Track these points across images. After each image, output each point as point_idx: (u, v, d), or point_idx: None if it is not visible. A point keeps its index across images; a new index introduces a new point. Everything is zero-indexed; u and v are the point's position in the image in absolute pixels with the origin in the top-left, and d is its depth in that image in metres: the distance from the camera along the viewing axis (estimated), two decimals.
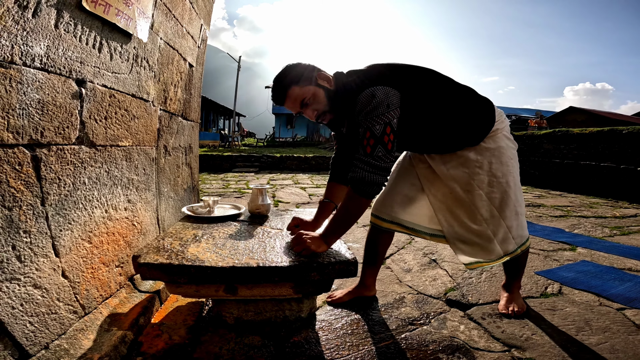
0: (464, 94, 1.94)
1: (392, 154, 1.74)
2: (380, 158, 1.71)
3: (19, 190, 1.38)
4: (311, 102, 1.84)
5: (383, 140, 1.70)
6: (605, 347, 1.82)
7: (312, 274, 1.66)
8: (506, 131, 2.01)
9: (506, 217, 1.99)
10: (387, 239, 2.37)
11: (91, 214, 1.84)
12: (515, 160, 2.03)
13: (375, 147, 1.70)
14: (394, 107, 1.72)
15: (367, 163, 1.72)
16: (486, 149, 1.95)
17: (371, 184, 1.73)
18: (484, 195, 1.96)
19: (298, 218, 2.16)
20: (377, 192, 1.78)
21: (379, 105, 1.69)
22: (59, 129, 1.59)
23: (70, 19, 1.60)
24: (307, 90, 1.83)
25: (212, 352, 1.75)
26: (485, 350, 1.82)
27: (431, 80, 1.90)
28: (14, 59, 1.33)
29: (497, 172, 1.95)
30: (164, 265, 1.59)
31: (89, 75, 1.78)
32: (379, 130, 1.70)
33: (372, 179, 1.72)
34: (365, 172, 1.72)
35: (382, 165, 1.73)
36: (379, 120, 1.70)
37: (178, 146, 3.06)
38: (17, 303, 1.35)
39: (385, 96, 1.70)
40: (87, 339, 1.61)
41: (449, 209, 2.06)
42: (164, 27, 2.56)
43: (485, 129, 1.94)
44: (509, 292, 2.28)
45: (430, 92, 1.87)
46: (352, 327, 2.03)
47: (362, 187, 1.74)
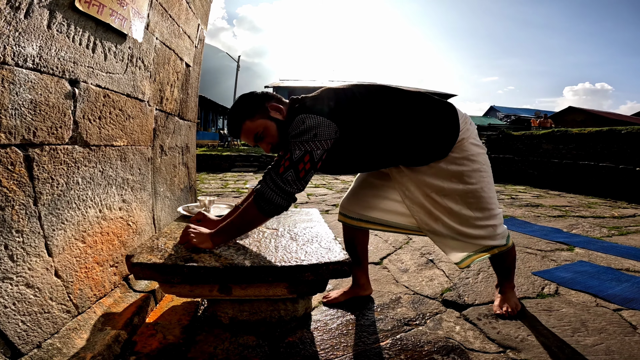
0: (423, 111, 1.91)
1: (301, 182, 1.72)
2: (288, 182, 1.69)
3: (11, 190, 1.38)
4: (264, 135, 1.83)
5: (297, 167, 1.69)
6: (600, 349, 1.81)
7: (305, 274, 1.66)
8: (472, 138, 1.99)
9: (485, 217, 2.01)
10: (362, 236, 2.38)
11: (85, 214, 1.83)
12: (487, 164, 2.03)
13: (287, 170, 1.69)
14: (322, 138, 1.70)
15: (274, 181, 1.71)
16: (456, 158, 1.94)
17: (269, 202, 1.71)
18: (459, 199, 1.98)
19: (202, 213, 2.12)
20: (273, 212, 1.74)
21: (305, 132, 1.68)
22: (52, 129, 1.58)
23: (63, 20, 1.60)
24: (259, 124, 1.81)
25: (206, 352, 1.75)
26: (480, 352, 1.81)
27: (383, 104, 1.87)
28: (6, 60, 1.33)
29: (470, 179, 1.95)
30: (157, 265, 1.59)
31: (83, 75, 1.77)
32: (297, 156, 1.68)
33: (272, 197, 1.71)
34: (268, 189, 1.71)
35: (287, 189, 1.70)
36: (301, 146, 1.68)
37: (175, 146, 3.06)
38: (10, 302, 1.35)
39: (316, 125, 1.68)
40: (80, 338, 1.61)
41: (427, 211, 2.06)
42: (160, 27, 2.56)
43: (450, 141, 1.92)
44: (502, 292, 2.28)
45: (384, 117, 1.85)
46: (347, 327, 2.03)
47: (260, 202, 1.72)
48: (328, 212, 5.36)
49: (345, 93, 1.85)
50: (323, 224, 2.39)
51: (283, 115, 1.84)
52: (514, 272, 2.28)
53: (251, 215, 1.77)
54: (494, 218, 2.04)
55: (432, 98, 1.97)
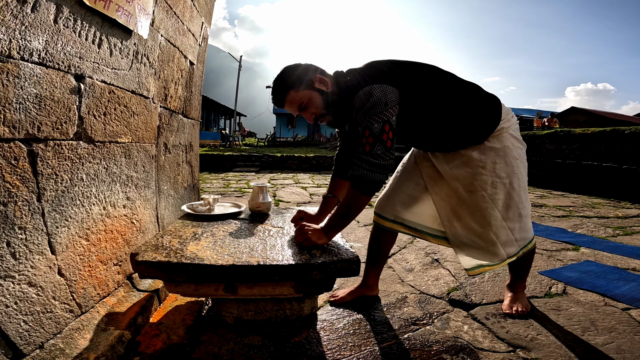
0: (467, 91, 1.91)
1: (391, 152, 1.73)
2: (380, 156, 1.71)
3: (15, 186, 1.36)
4: (309, 106, 1.86)
5: (382, 139, 1.70)
6: (611, 347, 1.80)
7: (313, 272, 1.63)
8: (513, 130, 1.97)
9: (509, 218, 1.96)
10: (390, 238, 2.35)
11: (89, 211, 1.81)
12: (521, 160, 2.00)
13: (374, 146, 1.70)
14: (392, 105, 1.71)
15: (366, 161, 1.72)
16: (490, 148, 1.92)
17: (370, 182, 1.73)
18: (487, 196, 1.93)
19: (302, 211, 2.21)
20: (376, 189, 1.77)
21: (377, 104, 1.68)
22: (56, 124, 1.56)
23: (69, 14, 1.59)
24: (303, 94, 1.84)
25: (211, 352, 1.72)
26: (489, 351, 1.79)
27: (432, 76, 1.88)
28: (11, 53, 1.31)
29: (500, 172, 1.92)
30: (162, 264, 1.57)
31: (88, 70, 1.76)
32: (378, 129, 1.69)
33: (370, 177, 1.72)
34: (364, 170, 1.72)
35: (381, 163, 1.72)
36: (377, 118, 1.69)
37: (178, 144, 3.04)
38: (11, 301, 1.33)
39: (383, 94, 1.69)
40: (83, 338, 1.59)
41: (452, 209, 2.04)
42: (165, 24, 2.54)
43: (490, 127, 1.91)
44: (512, 292, 2.25)
45: (431, 88, 1.85)
46: (354, 327, 2.00)
47: (361, 185, 1.73)
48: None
49: (399, 63, 1.88)
50: None
51: (328, 87, 1.86)
52: (528, 273, 2.26)
53: (356, 200, 1.79)
54: (516, 221, 1.99)
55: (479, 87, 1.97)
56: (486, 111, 1.91)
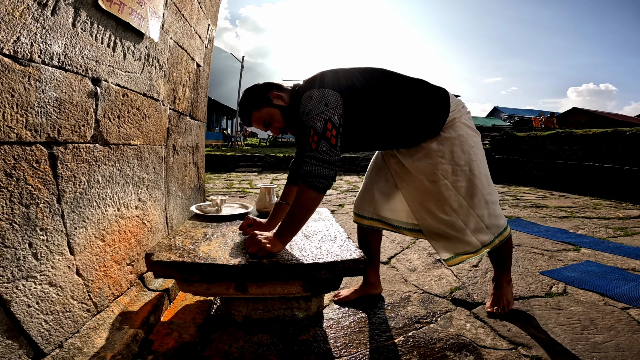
0: (414, 88, 2.00)
1: (336, 148, 1.79)
2: (325, 152, 1.77)
3: (36, 188, 1.40)
4: (272, 122, 1.99)
5: (325, 136, 1.77)
6: (610, 346, 1.84)
7: (322, 271, 1.68)
8: (465, 119, 2.06)
9: (475, 205, 2.02)
10: (375, 236, 2.42)
11: (104, 212, 1.86)
12: (478, 148, 2.07)
13: (319, 143, 1.76)
14: (332, 106, 1.80)
15: (313, 157, 1.77)
16: (446, 138, 2.00)
17: (318, 177, 1.76)
18: (449, 185, 2.00)
19: (251, 217, 2.19)
20: (326, 185, 1.80)
21: (317, 105, 1.79)
22: (75, 127, 1.61)
23: (87, 18, 1.63)
24: (264, 112, 1.98)
25: (222, 351, 1.76)
26: (492, 348, 1.83)
27: (378, 78, 1.97)
28: (33, 57, 1.35)
29: (459, 160, 2.00)
30: (177, 263, 1.62)
31: (104, 74, 1.80)
32: (321, 127, 1.77)
33: (318, 171, 1.76)
34: (312, 166, 1.77)
35: (327, 159, 1.77)
36: (319, 117, 1.77)
37: (186, 145, 3.09)
38: (33, 301, 1.36)
39: (322, 96, 1.80)
40: (99, 337, 1.63)
41: (419, 202, 2.11)
42: (174, 26, 2.58)
43: (441, 118, 1.99)
44: (496, 287, 2.29)
45: (378, 90, 1.94)
46: (359, 325, 2.05)
47: (310, 180, 1.77)
48: (334, 212, 5.37)
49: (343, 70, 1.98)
50: (334, 222, 2.41)
51: (285, 101, 1.99)
52: (511, 263, 2.29)
53: (307, 198, 1.80)
54: (483, 208, 2.04)
55: (426, 82, 2.06)
56: (435, 104, 2.00)
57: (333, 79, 1.89)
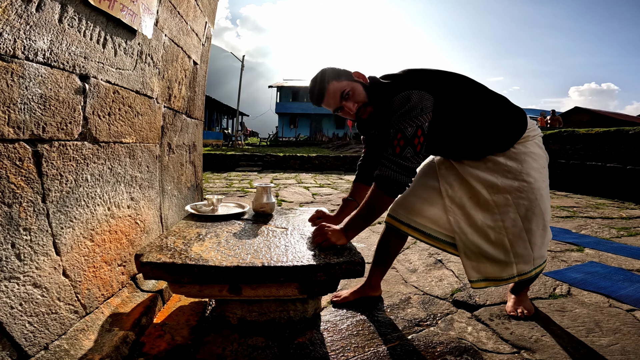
0: (496, 102, 1.93)
1: (419, 156, 1.77)
2: (408, 159, 1.74)
3: (19, 187, 1.35)
4: (351, 95, 1.89)
5: (413, 142, 1.73)
6: (616, 349, 1.79)
7: (318, 274, 1.63)
8: (538, 140, 1.99)
9: (530, 230, 1.91)
10: (399, 241, 2.29)
11: (93, 212, 1.81)
12: (545, 170, 1.98)
13: (404, 148, 1.74)
14: (427, 111, 1.75)
15: (395, 162, 1.75)
16: (516, 153, 1.92)
17: (395, 183, 1.76)
18: (510, 199, 1.89)
19: (321, 211, 2.27)
20: (400, 191, 1.81)
21: (413, 108, 1.73)
22: (61, 124, 1.56)
23: (74, 14, 1.59)
24: (345, 84, 1.89)
25: (215, 353, 1.72)
26: (494, 352, 1.78)
27: (465, 87, 1.91)
28: (16, 53, 1.31)
29: (528, 177, 1.89)
30: (167, 265, 1.57)
31: (93, 70, 1.75)
32: (410, 132, 1.73)
33: (397, 178, 1.75)
34: (392, 171, 1.75)
35: (409, 166, 1.75)
36: (412, 122, 1.73)
37: (182, 144, 3.04)
38: (16, 303, 1.32)
39: (420, 100, 1.73)
40: (88, 339, 1.58)
41: (465, 213, 1.98)
42: (169, 24, 2.54)
43: (516, 134, 1.91)
44: (515, 294, 2.24)
45: (464, 98, 1.88)
46: (357, 328, 2.00)
47: (387, 185, 1.76)
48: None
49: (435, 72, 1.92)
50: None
51: (366, 81, 1.94)
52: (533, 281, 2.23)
53: (379, 200, 1.82)
54: (538, 236, 1.94)
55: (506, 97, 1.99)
56: (513, 120, 1.92)
57: (429, 80, 1.83)
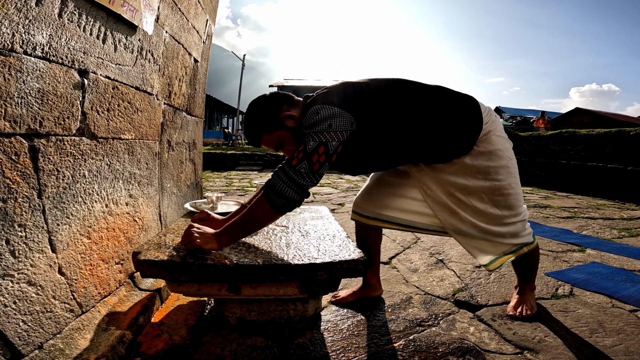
0: (442, 103, 1.84)
1: (315, 175, 1.66)
2: (301, 174, 1.63)
3: (15, 182, 1.33)
4: (284, 144, 1.86)
5: (311, 158, 1.63)
6: (620, 349, 1.77)
7: (319, 272, 1.60)
8: (499, 131, 1.93)
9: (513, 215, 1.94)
10: (375, 235, 2.29)
11: (91, 208, 1.79)
12: (513, 159, 1.96)
13: (301, 161, 1.63)
14: (337, 129, 1.65)
15: (286, 173, 1.64)
16: (481, 153, 1.87)
17: (281, 195, 1.64)
18: (485, 198, 1.90)
19: (205, 212, 2.03)
20: (285, 207, 1.67)
21: (319, 123, 1.64)
22: (59, 119, 1.54)
23: (74, 9, 1.57)
24: (275, 136, 1.83)
25: (213, 354, 1.70)
26: (496, 353, 1.76)
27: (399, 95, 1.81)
28: (14, 47, 1.29)
29: (497, 175, 1.88)
30: (164, 263, 1.54)
31: (92, 66, 1.74)
32: (311, 147, 1.63)
33: (283, 190, 1.64)
34: (280, 182, 1.64)
35: (300, 182, 1.64)
36: (315, 137, 1.64)
37: (182, 141, 3.02)
38: (10, 301, 1.30)
39: (330, 116, 1.65)
40: (83, 338, 1.56)
41: (450, 211, 1.98)
42: (170, 20, 2.52)
43: (474, 134, 1.85)
44: (520, 293, 2.22)
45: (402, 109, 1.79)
46: (358, 328, 1.98)
47: (271, 195, 1.65)
48: (334, 210, 5.31)
49: (360, 85, 1.81)
50: (334, 221, 2.34)
51: (296, 120, 1.81)
52: (536, 274, 2.22)
53: (261, 211, 1.68)
54: (520, 215, 1.97)
55: (451, 90, 1.90)
56: (466, 119, 1.85)
57: (347, 96, 1.74)
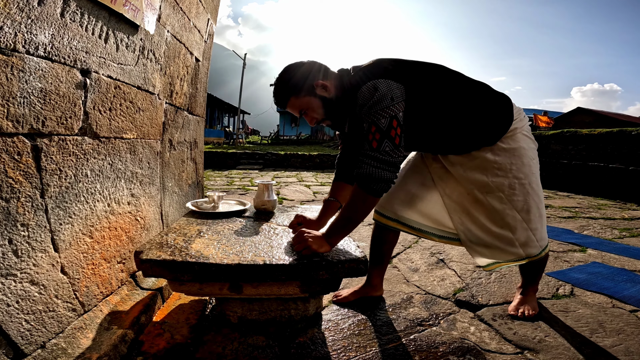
0: (476, 90, 1.85)
1: (399, 148, 1.66)
2: (388, 153, 1.63)
3: (18, 181, 1.34)
4: (309, 112, 1.84)
5: (390, 135, 1.62)
6: (620, 349, 1.77)
7: (320, 272, 1.61)
8: (526, 130, 1.92)
9: (530, 220, 1.91)
10: (393, 237, 2.28)
11: (93, 208, 1.79)
12: (536, 160, 1.96)
13: (382, 142, 1.62)
14: (398, 100, 1.65)
15: (374, 158, 1.64)
16: (504, 149, 1.86)
17: (379, 180, 1.64)
18: (504, 198, 1.88)
19: (301, 216, 2.08)
20: (385, 189, 1.69)
21: (383, 98, 1.62)
22: (61, 118, 1.55)
23: (76, 8, 1.57)
24: (303, 101, 1.82)
25: (215, 352, 1.70)
26: (497, 352, 1.76)
27: (439, 75, 1.82)
28: (16, 47, 1.30)
29: (518, 173, 1.87)
30: (167, 262, 1.55)
31: (94, 65, 1.74)
32: (385, 124, 1.62)
33: (380, 174, 1.64)
34: (373, 168, 1.64)
35: (391, 160, 1.64)
36: (384, 113, 1.62)
37: (183, 141, 3.02)
38: (13, 300, 1.30)
39: (388, 89, 1.63)
40: (86, 337, 1.57)
41: (465, 211, 1.99)
42: (171, 19, 2.52)
43: (502, 127, 1.85)
44: (522, 294, 2.22)
45: (439, 87, 1.79)
46: (359, 327, 1.98)
47: (369, 184, 1.65)
48: None
49: (406, 61, 1.83)
50: None
51: (329, 91, 1.81)
52: (541, 277, 2.23)
53: (363, 201, 1.70)
54: (537, 222, 1.94)
55: (487, 85, 1.91)
56: (497, 111, 1.85)
57: (397, 69, 1.73)
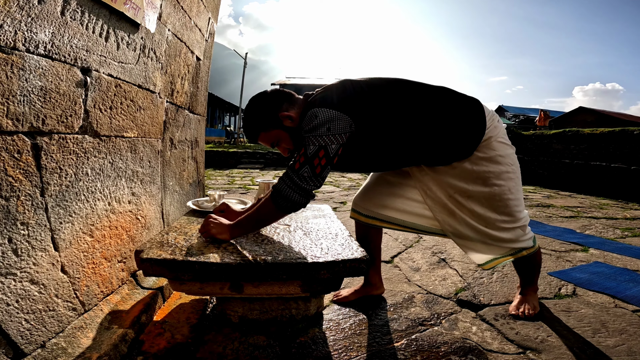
0: (443, 105, 1.82)
1: (318, 178, 1.70)
2: (305, 178, 1.67)
3: (17, 180, 1.33)
4: (280, 143, 1.90)
5: (312, 162, 1.66)
6: (622, 350, 1.76)
7: (321, 271, 1.60)
8: (501, 137, 1.89)
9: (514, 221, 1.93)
10: (376, 234, 2.30)
11: (93, 207, 1.79)
12: (515, 165, 1.94)
13: (303, 166, 1.67)
14: (337, 132, 1.67)
15: (290, 178, 1.69)
16: (482, 158, 1.84)
17: (286, 199, 1.69)
18: (484, 201, 1.89)
19: (226, 204, 2.14)
20: (290, 208, 1.73)
21: (319, 127, 1.65)
22: (61, 117, 1.54)
23: (77, 7, 1.57)
24: (272, 134, 1.87)
25: (215, 352, 1.69)
26: (499, 352, 1.75)
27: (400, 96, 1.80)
28: (16, 45, 1.29)
29: (497, 181, 1.86)
30: (167, 261, 1.54)
31: (95, 64, 1.73)
32: (312, 151, 1.66)
33: (289, 195, 1.69)
34: (285, 186, 1.69)
35: (303, 186, 1.68)
36: (315, 140, 1.66)
37: (184, 139, 3.02)
38: (13, 299, 1.30)
39: (328, 120, 1.65)
40: (86, 337, 1.56)
41: (448, 212, 1.98)
42: (172, 18, 2.52)
43: (476, 138, 1.82)
44: (522, 294, 2.21)
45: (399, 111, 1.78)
46: (360, 327, 1.97)
47: (278, 199, 1.71)
48: (336, 209, 5.30)
49: (360, 84, 1.81)
50: (336, 220, 2.34)
51: (294, 120, 1.82)
52: (538, 277, 2.21)
53: (268, 210, 1.76)
54: (520, 220, 1.95)
55: (455, 92, 1.88)
56: (469, 123, 1.83)
57: (345, 97, 1.73)
